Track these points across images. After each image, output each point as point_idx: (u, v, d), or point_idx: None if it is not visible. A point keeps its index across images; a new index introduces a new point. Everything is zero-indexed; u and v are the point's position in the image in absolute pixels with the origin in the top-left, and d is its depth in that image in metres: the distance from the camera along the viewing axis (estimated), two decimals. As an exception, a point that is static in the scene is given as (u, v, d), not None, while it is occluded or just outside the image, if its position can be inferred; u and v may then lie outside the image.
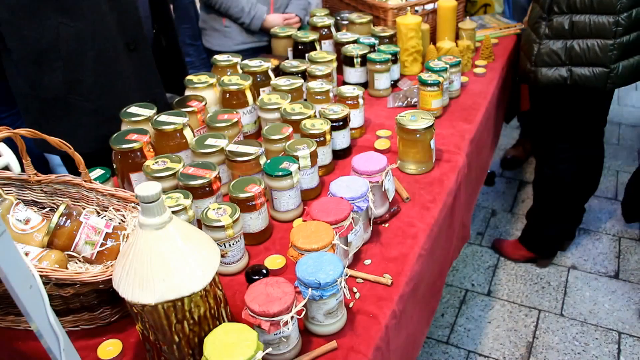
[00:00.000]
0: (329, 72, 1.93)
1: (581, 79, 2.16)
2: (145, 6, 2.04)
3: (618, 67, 2.12)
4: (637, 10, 2.06)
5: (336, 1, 2.69)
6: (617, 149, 3.90)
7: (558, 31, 2.16)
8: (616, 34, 2.07)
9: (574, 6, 2.11)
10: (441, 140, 1.81)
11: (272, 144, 1.58)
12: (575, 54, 2.14)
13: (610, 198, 3.39)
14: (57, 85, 1.82)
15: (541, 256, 2.87)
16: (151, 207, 0.97)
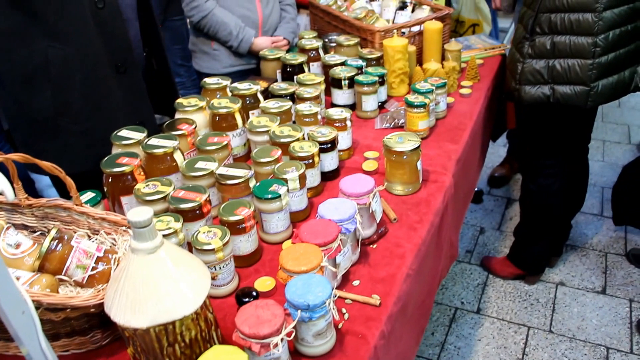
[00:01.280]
0: (317, 95, 1.96)
1: (563, 97, 2.22)
2: (135, 30, 2.06)
3: (598, 86, 2.18)
4: (614, 32, 2.13)
5: (324, 23, 2.73)
6: (602, 165, 3.95)
7: (540, 51, 2.23)
8: (595, 55, 2.13)
9: (555, 27, 2.18)
10: (428, 160, 1.84)
11: (262, 166, 1.60)
12: (557, 73, 2.21)
13: (595, 214, 3.43)
14: (46, 107, 1.84)
15: (529, 273, 2.90)
16: (143, 232, 0.99)
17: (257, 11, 2.56)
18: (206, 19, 2.42)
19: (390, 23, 2.69)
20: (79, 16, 1.79)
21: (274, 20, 2.66)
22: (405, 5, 2.72)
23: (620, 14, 2.11)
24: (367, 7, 2.67)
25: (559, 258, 3.03)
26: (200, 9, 2.41)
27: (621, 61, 2.19)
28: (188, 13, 2.44)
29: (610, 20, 2.10)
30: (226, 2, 2.48)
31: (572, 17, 2.14)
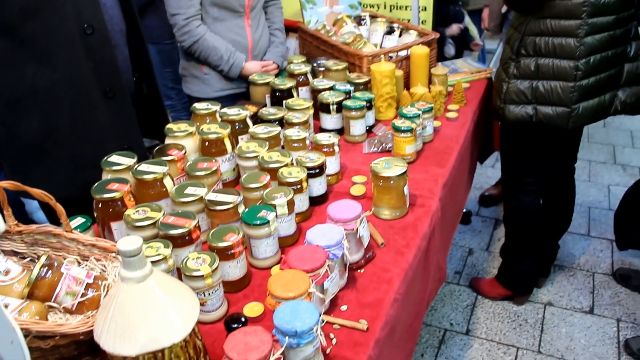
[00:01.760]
0: (305, 120, 1.99)
1: (545, 117, 2.29)
2: (124, 55, 2.08)
3: (579, 108, 2.24)
4: (595, 57, 2.20)
5: (313, 48, 2.77)
6: (588, 185, 4.00)
7: (525, 72, 2.29)
8: (576, 78, 2.20)
9: (539, 50, 2.24)
10: (415, 185, 1.87)
11: (250, 192, 1.62)
12: (540, 93, 2.27)
13: (582, 234, 3.46)
14: (34, 132, 1.85)
15: (517, 293, 2.93)
16: (132, 261, 1.01)
17: (247, 36, 2.59)
18: (197, 44, 2.45)
19: (378, 47, 2.73)
20: (67, 42, 1.81)
21: (264, 44, 2.70)
22: (392, 30, 2.76)
23: (601, 40, 2.18)
24: (355, 32, 2.72)
25: (546, 278, 3.06)
26: (191, 34, 2.43)
27: (602, 85, 2.25)
28: (179, 38, 2.47)
29: (591, 45, 2.17)
30: (217, 27, 2.51)
31: (555, 41, 2.20)
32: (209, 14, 2.48)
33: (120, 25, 2.03)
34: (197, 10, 2.43)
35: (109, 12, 1.95)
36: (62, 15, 1.78)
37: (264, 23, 2.71)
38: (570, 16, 2.16)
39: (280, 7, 2.84)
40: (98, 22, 1.86)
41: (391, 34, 2.74)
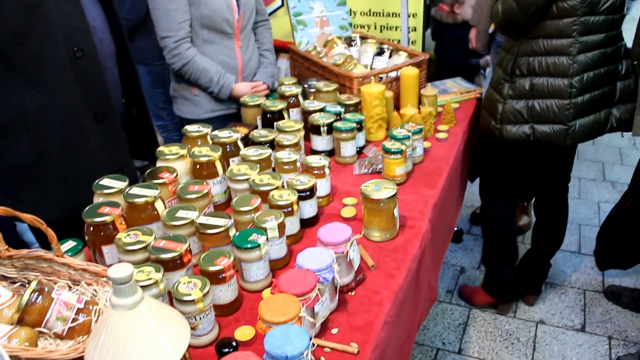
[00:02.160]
0: (296, 142, 2.00)
1: (542, 136, 2.31)
2: (114, 77, 2.09)
3: (575, 125, 2.27)
4: (588, 74, 2.23)
5: (304, 69, 2.79)
6: (579, 202, 4.03)
7: (520, 92, 2.33)
8: (571, 95, 2.23)
9: (533, 70, 2.28)
10: (405, 206, 1.88)
11: (241, 215, 1.63)
12: (536, 112, 2.30)
13: (573, 252, 3.48)
14: (24, 155, 1.85)
15: (499, 300, 3.00)
16: (123, 289, 1.01)
17: (237, 57, 2.61)
18: (187, 66, 2.47)
19: (369, 68, 2.76)
20: (58, 66, 1.82)
21: (253, 65, 2.72)
22: (382, 51, 2.79)
23: (593, 57, 2.22)
24: (345, 53, 2.75)
25: (538, 297, 3.07)
26: (181, 57, 2.45)
27: (596, 102, 2.29)
28: (169, 60, 2.48)
29: (584, 63, 2.21)
30: (207, 49, 2.53)
31: (548, 60, 2.25)
32: (199, 36, 2.50)
33: (110, 48, 2.04)
34: (186, 32, 2.46)
35: (98, 35, 1.96)
36: (52, 40, 1.79)
37: (253, 44, 2.74)
38: (561, 35, 2.20)
39: (269, 28, 2.87)
40: (88, 45, 1.88)
41: (381, 55, 2.77)
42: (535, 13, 2.19)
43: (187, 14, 2.44)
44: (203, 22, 2.47)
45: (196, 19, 2.46)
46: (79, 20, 1.84)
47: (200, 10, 2.44)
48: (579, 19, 2.16)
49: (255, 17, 2.71)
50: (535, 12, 2.18)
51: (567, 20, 2.18)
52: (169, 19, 2.41)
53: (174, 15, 2.41)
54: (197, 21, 2.47)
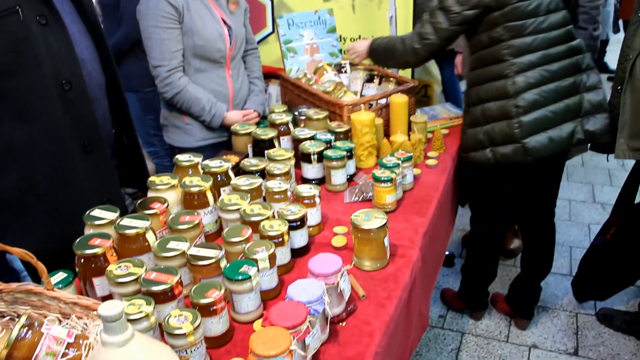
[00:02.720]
0: (287, 171, 2.01)
1: (503, 157, 2.36)
2: (104, 108, 2.09)
3: (529, 142, 2.30)
4: (532, 92, 2.28)
5: (294, 96, 2.82)
6: (569, 224, 4.05)
7: (475, 119, 2.41)
8: (518, 114, 2.28)
9: (482, 97, 2.37)
10: (395, 234, 1.89)
11: (232, 246, 1.63)
12: (492, 136, 2.36)
13: (564, 274, 3.49)
14: (12, 188, 1.84)
15: (471, 309, 3.14)
16: (113, 326, 1.02)
17: (228, 86, 2.64)
18: (179, 95, 2.49)
19: (358, 95, 2.79)
20: (46, 98, 1.81)
21: (244, 93, 2.74)
22: (372, 78, 2.82)
23: (534, 76, 2.27)
24: (335, 80, 2.77)
25: (530, 321, 3.07)
26: (173, 86, 2.47)
27: (552, 118, 2.32)
28: (162, 89, 2.50)
29: (523, 83, 2.27)
30: (198, 78, 2.55)
31: (492, 85, 2.33)
32: (190, 65, 2.53)
33: (100, 79, 2.05)
34: (179, 62, 2.48)
35: (87, 67, 1.97)
36: (41, 73, 1.79)
37: (243, 72, 2.76)
38: (496, 61, 2.30)
39: (258, 57, 2.91)
40: (76, 78, 1.88)
41: (371, 82, 2.80)
42: (448, 39, 2.36)
43: (180, 43, 2.46)
44: (195, 52, 2.49)
45: (189, 48, 2.49)
46: (68, 53, 1.85)
47: (193, 40, 2.47)
48: (506, 42, 2.25)
49: (244, 45, 2.74)
50: (449, 38, 2.35)
51: (497, 47, 2.28)
52: (162, 49, 2.43)
53: (167, 44, 2.43)
54: (189, 50, 2.50)
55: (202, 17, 2.49)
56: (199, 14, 2.48)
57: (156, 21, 2.41)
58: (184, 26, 2.46)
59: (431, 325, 3.12)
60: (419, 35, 2.38)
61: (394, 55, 2.51)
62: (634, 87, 2.25)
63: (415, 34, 2.41)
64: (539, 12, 2.24)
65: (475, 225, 2.83)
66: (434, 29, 2.33)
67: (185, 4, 2.44)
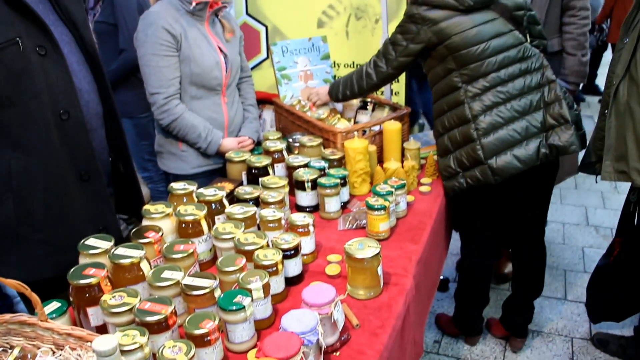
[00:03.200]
0: (281, 199, 2.03)
1: (472, 180, 2.41)
2: (101, 137, 2.10)
3: (495, 162, 2.36)
4: (489, 113, 2.35)
5: (288, 123, 2.84)
6: (563, 247, 4.06)
7: (444, 148, 2.49)
8: (479, 136, 2.35)
9: (445, 126, 2.46)
10: (389, 262, 1.90)
11: (227, 275, 1.64)
12: (460, 162, 2.42)
13: (559, 298, 3.50)
14: (8, 216, 1.85)
15: (466, 334, 3.14)
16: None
17: (223, 113, 2.66)
18: (176, 122, 2.51)
19: (352, 122, 2.82)
20: (43, 128, 1.82)
21: (238, 120, 2.77)
22: (365, 105, 2.85)
23: (487, 99, 2.35)
24: (329, 107, 2.80)
25: (524, 340, 3.07)
26: (170, 113, 2.49)
27: (515, 137, 2.36)
28: (158, 116, 2.52)
29: (479, 106, 2.35)
30: (194, 105, 2.58)
31: (452, 113, 2.41)
32: (187, 92, 2.55)
33: (97, 109, 2.06)
34: (176, 89, 2.51)
35: (85, 97, 1.99)
36: (39, 103, 1.81)
37: (238, 100, 2.80)
38: (451, 90, 2.39)
39: (252, 84, 2.94)
40: (74, 107, 1.89)
41: (364, 109, 2.83)
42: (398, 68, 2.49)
43: (177, 71, 2.50)
44: (192, 79, 2.52)
45: (186, 76, 2.52)
46: (66, 83, 1.87)
47: (191, 68, 2.50)
48: (458, 71, 2.35)
49: (239, 73, 2.77)
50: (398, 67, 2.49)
51: (450, 76, 2.38)
52: (160, 76, 2.46)
53: (164, 72, 2.46)
54: (186, 78, 2.53)
55: (200, 45, 2.52)
56: (196, 42, 2.51)
57: (154, 49, 2.44)
58: (181, 54, 2.49)
59: (426, 350, 3.11)
60: (374, 63, 2.54)
61: (352, 82, 2.64)
62: (618, 111, 2.29)
63: (372, 62, 2.56)
64: (483, 38, 2.32)
65: (464, 252, 2.86)
66: (385, 59, 2.49)
67: (183, 32, 2.48)
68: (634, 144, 2.22)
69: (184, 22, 2.50)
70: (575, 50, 3.06)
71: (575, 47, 3.05)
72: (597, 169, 2.54)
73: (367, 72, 2.55)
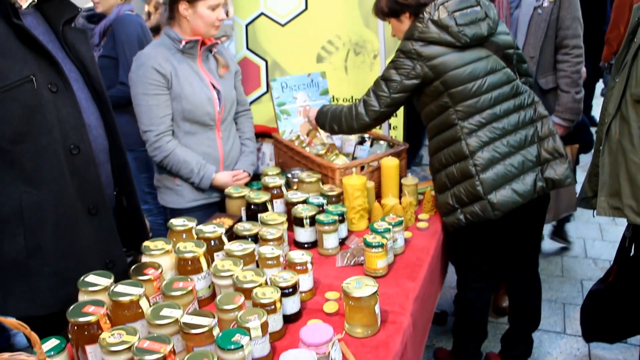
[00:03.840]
0: (279, 235, 2.05)
1: (472, 216, 2.42)
2: (107, 172, 2.14)
3: (494, 196, 2.38)
4: (487, 149, 2.37)
5: (287, 158, 2.87)
6: (562, 280, 4.06)
7: (442, 185, 2.50)
8: (477, 172, 2.37)
9: (442, 163, 2.47)
10: (386, 300, 1.91)
11: (225, 313, 1.65)
12: (459, 198, 2.43)
13: (558, 332, 3.49)
14: (17, 250, 1.88)
15: None
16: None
17: (218, 148, 2.69)
18: (168, 159, 2.55)
19: (351, 157, 2.85)
20: (54, 162, 1.88)
21: (235, 155, 2.81)
22: (364, 140, 2.89)
23: (484, 135, 2.37)
24: (328, 142, 2.84)
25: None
26: (162, 150, 2.54)
27: (513, 171, 2.40)
28: (151, 153, 2.57)
29: (476, 142, 2.36)
30: (188, 141, 2.62)
31: (449, 150, 2.42)
32: (180, 128, 2.60)
33: (104, 144, 2.11)
34: (168, 126, 2.56)
35: (93, 132, 2.03)
36: (50, 138, 1.86)
37: (234, 134, 2.84)
38: (448, 127, 2.40)
39: (250, 118, 2.99)
40: (84, 143, 1.95)
41: (363, 144, 2.86)
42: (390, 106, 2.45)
43: (168, 108, 2.55)
44: (185, 116, 2.57)
45: (178, 112, 2.57)
46: (76, 119, 1.92)
47: (182, 105, 2.54)
48: (453, 108, 2.36)
49: (236, 107, 2.82)
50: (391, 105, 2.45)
51: (446, 113, 2.39)
52: (151, 114, 2.52)
53: (155, 110, 2.52)
54: (179, 114, 2.57)
55: (191, 82, 2.57)
56: (187, 79, 2.56)
57: (144, 88, 2.51)
58: (172, 92, 2.55)
59: (424, 385, 3.10)
60: (364, 102, 2.48)
61: (340, 118, 2.58)
62: (610, 149, 2.32)
63: (362, 101, 2.50)
64: (478, 75, 2.36)
65: (461, 286, 2.85)
66: (376, 97, 2.44)
67: (174, 70, 2.53)
68: (626, 181, 2.25)
69: (174, 61, 2.55)
70: (569, 88, 3.11)
71: (569, 84, 3.10)
72: (593, 204, 2.56)
73: (357, 112, 2.50)
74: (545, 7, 3.02)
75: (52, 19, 1.99)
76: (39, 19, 1.96)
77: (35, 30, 1.89)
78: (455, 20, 2.32)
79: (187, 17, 2.54)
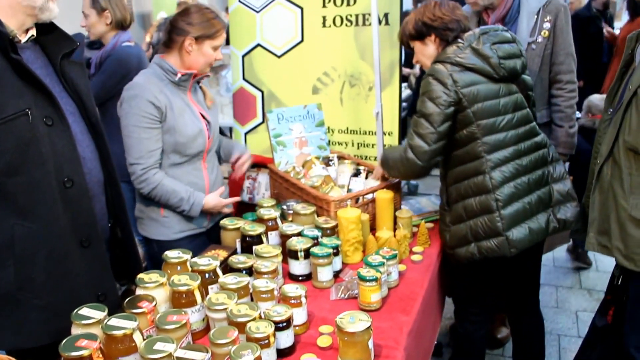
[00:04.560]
0: (274, 269, 2.05)
1: (487, 251, 2.42)
2: (101, 204, 2.14)
3: (512, 233, 2.38)
4: (508, 185, 2.39)
5: (283, 189, 2.89)
6: (557, 312, 4.06)
7: (458, 216, 2.48)
8: (498, 207, 2.37)
9: (461, 194, 2.46)
10: (380, 334, 1.91)
11: (219, 347, 1.65)
12: (475, 231, 2.43)
13: (554, 365, 3.48)
14: (8, 282, 1.87)
15: None
16: None
17: (204, 178, 2.69)
18: (156, 190, 2.53)
19: (345, 188, 2.86)
20: (47, 195, 1.88)
21: (219, 184, 2.82)
22: (359, 172, 2.91)
23: (509, 170, 2.39)
24: (323, 174, 2.86)
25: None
26: (149, 182, 2.52)
27: (530, 208, 2.43)
28: (137, 186, 2.54)
29: (500, 177, 2.37)
30: (175, 172, 2.61)
31: (470, 182, 2.42)
32: (169, 159, 2.58)
33: (99, 176, 2.11)
34: (156, 160, 2.53)
35: (87, 164, 2.04)
36: (44, 171, 1.86)
37: (217, 164, 2.87)
38: (472, 158, 2.40)
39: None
40: (77, 175, 1.95)
41: (357, 176, 2.88)
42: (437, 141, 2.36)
43: (159, 142, 2.53)
44: (176, 148, 2.56)
45: (169, 145, 2.55)
46: (70, 152, 1.93)
47: (175, 138, 2.54)
48: (481, 140, 2.36)
49: None
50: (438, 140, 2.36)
51: (472, 144, 2.38)
52: (141, 147, 2.49)
53: (146, 144, 2.49)
54: (169, 147, 2.55)
55: (184, 115, 2.57)
56: (180, 112, 2.56)
57: (137, 121, 2.47)
58: (165, 124, 2.53)
59: (419, 419, 3.07)
60: (411, 147, 2.39)
61: (399, 167, 2.51)
62: (602, 188, 2.34)
63: (408, 146, 2.41)
64: (508, 110, 2.39)
65: (459, 319, 2.85)
66: (421, 137, 2.35)
67: (169, 103, 2.52)
68: (616, 224, 2.27)
69: (168, 93, 2.54)
70: (563, 122, 3.15)
71: (563, 119, 3.14)
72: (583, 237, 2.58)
73: (408, 159, 2.39)
74: (539, 43, 3.07)
75: (50, 53, 2.01)
76: (38, 53, 1.98)
77: (32, 64, 1.91)
78: (497, 52, 2.36)
79: (190, 53, 2.55)
